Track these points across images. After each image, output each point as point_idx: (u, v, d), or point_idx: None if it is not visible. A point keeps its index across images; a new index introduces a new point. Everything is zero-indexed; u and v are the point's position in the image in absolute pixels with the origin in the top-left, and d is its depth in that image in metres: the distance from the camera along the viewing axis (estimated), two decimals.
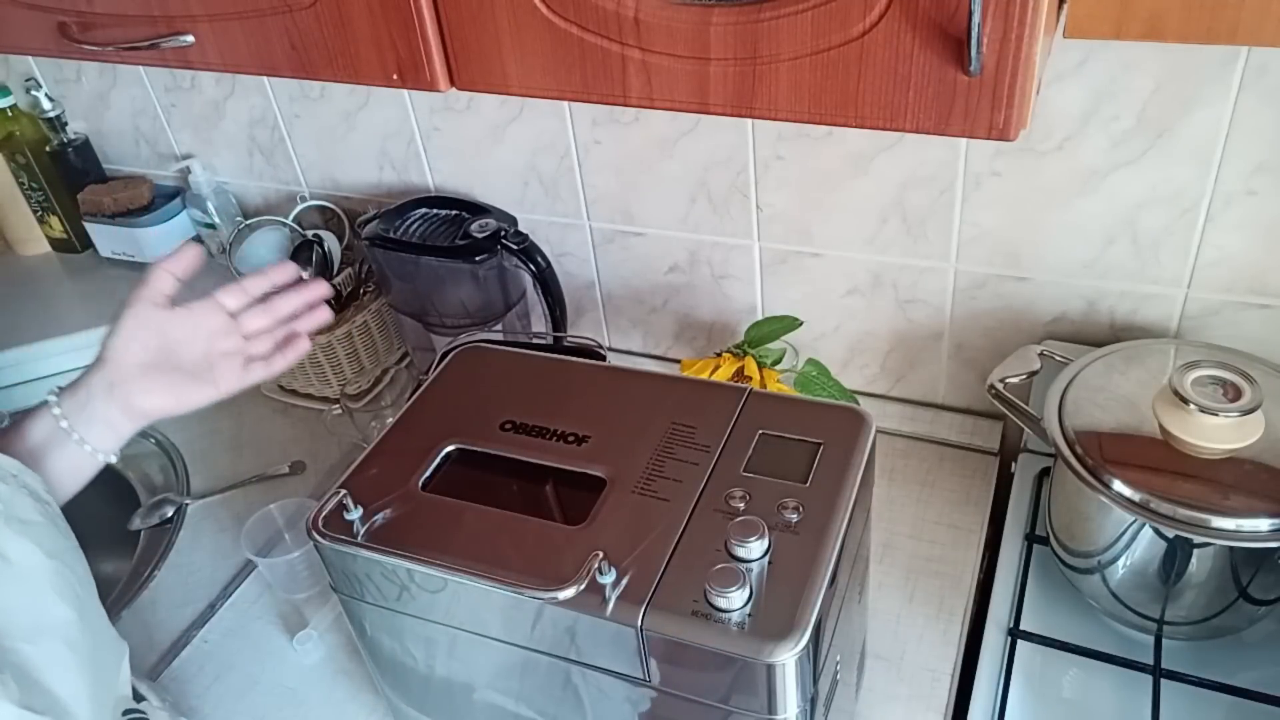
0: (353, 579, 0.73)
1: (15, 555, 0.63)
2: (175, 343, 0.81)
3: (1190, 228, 0.91)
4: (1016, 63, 0.54)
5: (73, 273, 1.49)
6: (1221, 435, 0.78)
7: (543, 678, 0.71)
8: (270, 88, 1.27)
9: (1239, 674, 0.84)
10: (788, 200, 1.07)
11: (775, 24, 0.58)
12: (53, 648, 0.63)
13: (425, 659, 0.77)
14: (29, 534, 0.65)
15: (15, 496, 0.67)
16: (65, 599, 0.66)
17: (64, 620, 0.65)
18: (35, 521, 0.67)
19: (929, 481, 1.07)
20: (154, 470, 1.24)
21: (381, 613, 0.75)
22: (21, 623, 0.62)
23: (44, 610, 0.64)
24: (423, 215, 1.17)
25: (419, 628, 0.74)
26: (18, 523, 0.65)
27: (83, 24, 0.81)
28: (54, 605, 0.65)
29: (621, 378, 0.84)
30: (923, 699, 0.87)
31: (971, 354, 1.10)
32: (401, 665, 0.80)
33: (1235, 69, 0.82)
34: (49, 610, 0.64)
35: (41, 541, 0.66)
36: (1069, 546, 0.89)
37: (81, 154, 1.45)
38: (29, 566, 0.64)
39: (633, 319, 1.27)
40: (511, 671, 0.72)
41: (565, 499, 0.72)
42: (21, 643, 0.61)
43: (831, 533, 0.65)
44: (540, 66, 0.67)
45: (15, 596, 0.62)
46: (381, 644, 0.79)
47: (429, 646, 0.75)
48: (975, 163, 0.96)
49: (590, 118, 1.10)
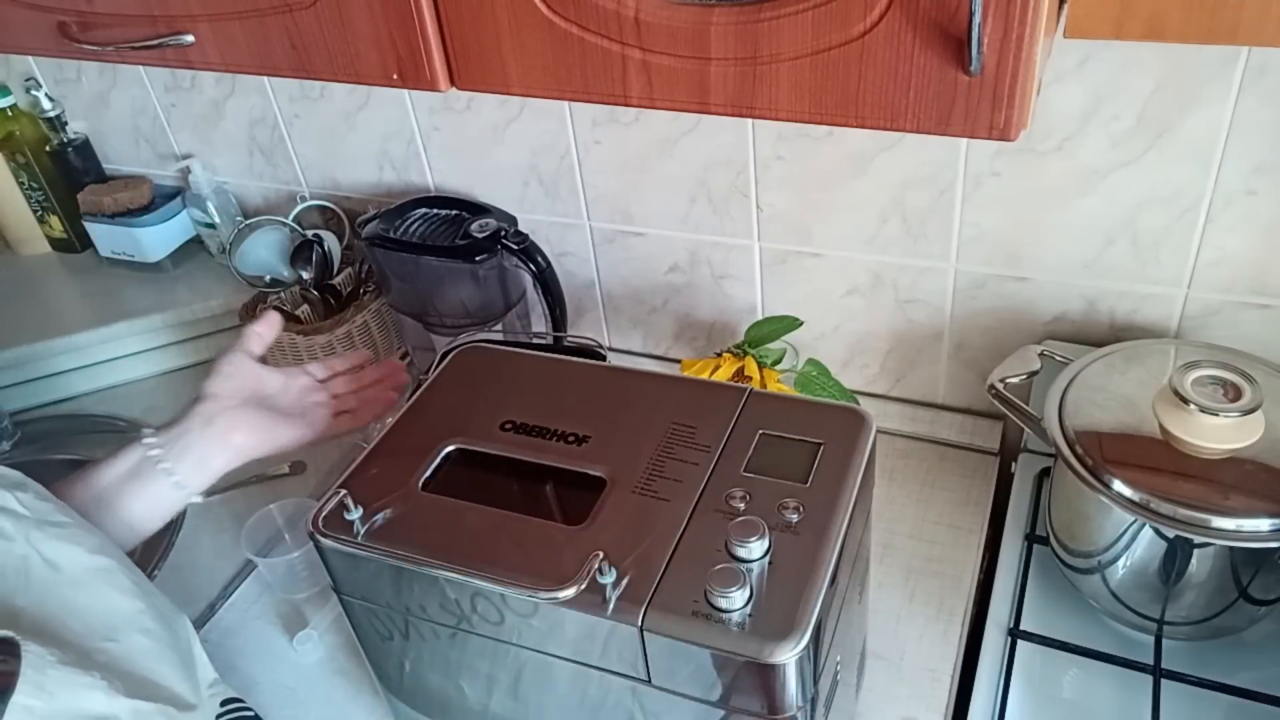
0: (353, 579, 0.73)
1: (62, 560, 0.63)
2: (268, 390, 0.87)
3: (1190, 228, 0.91)
4: (1017, 63, 0.54)
5: (73, 273, 1.49)
6: (1222, 435, 0.78)
7: (542, 678, 0.71)
8: (270, 88, 1.27)
9: (1239, 674, 0.84)
10: (788, 200, 1.07)
11: (775, 24, 0.58)
12: (133, 640, 0.63)
13: (425, 659, 0.77)
14: (66, 537, 0.65)
15: (36, 503, 0.66)
16: (125, 592, 0.66)
17: (133, 611, 0.65)
18: (65, 523, 0.67)
19: (929, 481, 1.07)
20: None
21: (381, 613, 0.75)
22: (94, 624, 0.61)
23: (111, 608, 0.64)
24: (423, 215, 1.17)
25: (419, 628, 0.74)
26: (50, 527, 0.65)
27: (83, 24, 0.81)
28: (117, 600, 0.65)
29: (621, 378, 0.84)
30: (923, 699, 0.87)
31: (971, 354, 1.10)
32: (401, 665, 0.80)
33: (1235, 69, 0.82)
34: (115, 606, 0.64)
35: (81, 542, 0.66)
36: (1069, 546, 0.89)
37: (81, 154, 1.45)
38: (79, 569, 0.64)
39: (633, 319, 1.27)
40: (511, 672, 0.72)
41: (565, 499, 0.72)
42: (103, 642, 0.61)
43: (832, 533, 0.65)
44: (540, 66, 0.67)
45: (77, 599, 0.62)
46: (381, 644, 0.79)
47: (429, 647, 0.75)
48: (975, 163, 0.96)
49: (590, 118, 1.10)
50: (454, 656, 0.75)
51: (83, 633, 0.60)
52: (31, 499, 0.66)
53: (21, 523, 0.63)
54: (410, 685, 0.82)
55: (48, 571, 0.62)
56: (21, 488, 0.66)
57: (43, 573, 0.61)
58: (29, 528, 0.63)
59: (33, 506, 0.65)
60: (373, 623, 0.77)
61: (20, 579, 0.60)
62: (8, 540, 0.61)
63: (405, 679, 0.81)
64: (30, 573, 0.60)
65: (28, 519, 0.63)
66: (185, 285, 1.42)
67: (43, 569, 0.61)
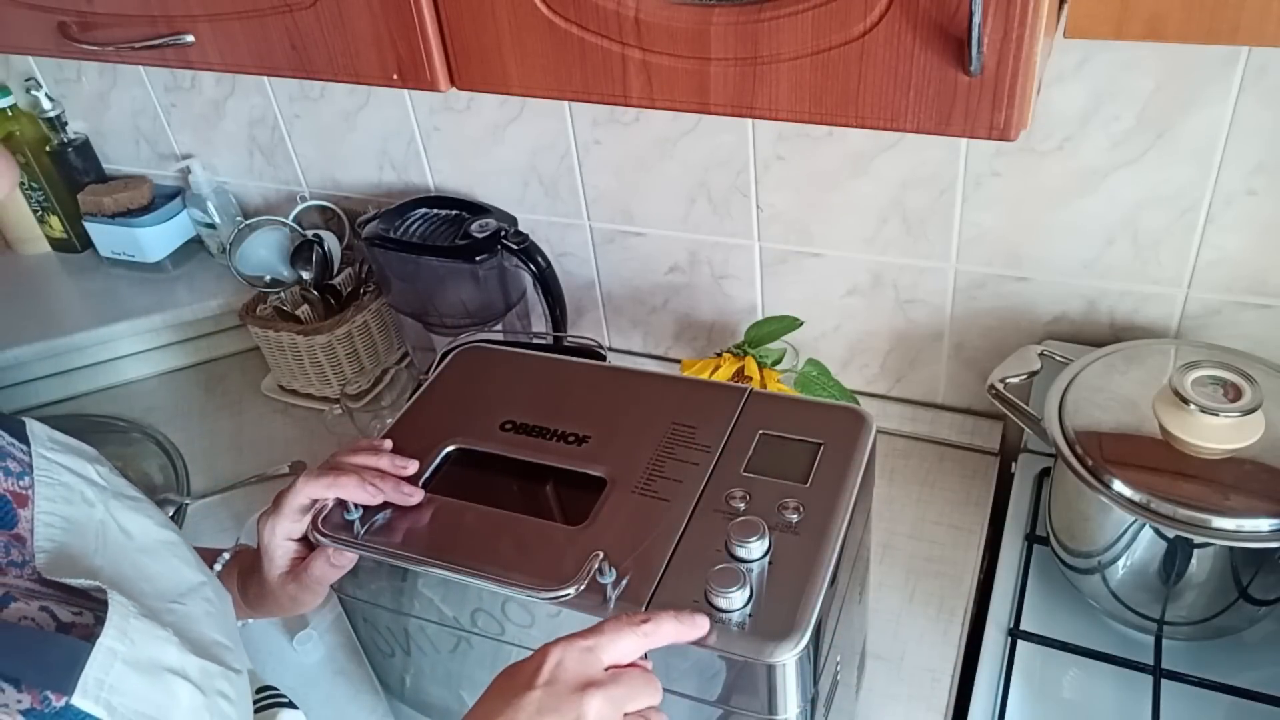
0: (353, 579, 0.73)
1: (134, 529, 0.66)
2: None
3: (1190, 228, 0.91)
4: (1017, 63, 0.54)
5: (73, 273, 1.49)
6: (1222, 435, 0.78)
7: None
8: (270, 88, 1.27)
9: (1239, 674, 0.84)
10: (788, 200, 1.07)
11: (776, 24, 0.58)
12: (197, 605, 0.65)
13: (425, 659, 0.77)
14: (139, 510, 0.68)
15: (112, 476, 0.69)
16: (190, 564, 0.68)
17: (196, 582, 0.67)
18: (138, 498, 0.69)
19: (929, 481, 1.07)
20: (154, 470, 1.24)
21: (382, 613, 0.75)
22: (164, 587, 0.64)
23: (179, 576, 0.66)
24: (423, 215, 1.17)
25: (419, 628, 0.74)
26: (125, 499, 0.67)
27: (83, 24, 0.81)
28: (184, 570, 0.67)
29: (621, 378, 0.84)
30: (923, 699, 0.87)
31: (971, 354, 1.10)
32: (401, 665, 0.80)
33: (1235, 69, 0.82)
34: (183, 575, 0.67)
35: (151, 515, 0.69)
36: (1069, 546, 0.89)
37: (81, 154, 1.45)
38: (151, 538, 0.67)
39: (633, 319, 1.27)
40: None
41: (565, 499, 0.72)
42: (171, 604, 0.63)
43: (832, 533, 0.65)
44: (541, 66, 0.67)
45: (149, 564, 0.65)
46: (382, 644, 0.79)
47: (429, 646, 0.75)
48: (975, 163, 0.96)
49: (590, 118, 1.10)
50: (453, 656, 0.75)
51: (152, 594, 0.62)
52: (108, 472, 0.69)
53: (101, 492, 0.66)
54: (410, 685, 0.82)
55: (123, 538, 0.65)
56: (99, 462, 0.69)
57: (119, 538, 0.64)
58: (108, 497, 0.66)
59: (109, 479, 0.68)
60: (373, 623, 0.77)
61: (99, 540, 0.63)
62: (90, 506, 0.64)
63: (405, 679, 0.81)
64: (107, 536, 0.64)
65: (106, 489, 0.67)
66: (185, 285, 1.42)
67: (119, 534, 0.65)
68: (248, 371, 1.37)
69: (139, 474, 1.24)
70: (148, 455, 1.26)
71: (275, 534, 0.72)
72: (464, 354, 0.86)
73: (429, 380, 0.84)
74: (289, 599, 0.74)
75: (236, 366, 1.39)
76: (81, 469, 0.66)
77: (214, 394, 1.35)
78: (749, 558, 0.64)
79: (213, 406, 1.33)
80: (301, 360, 1.26)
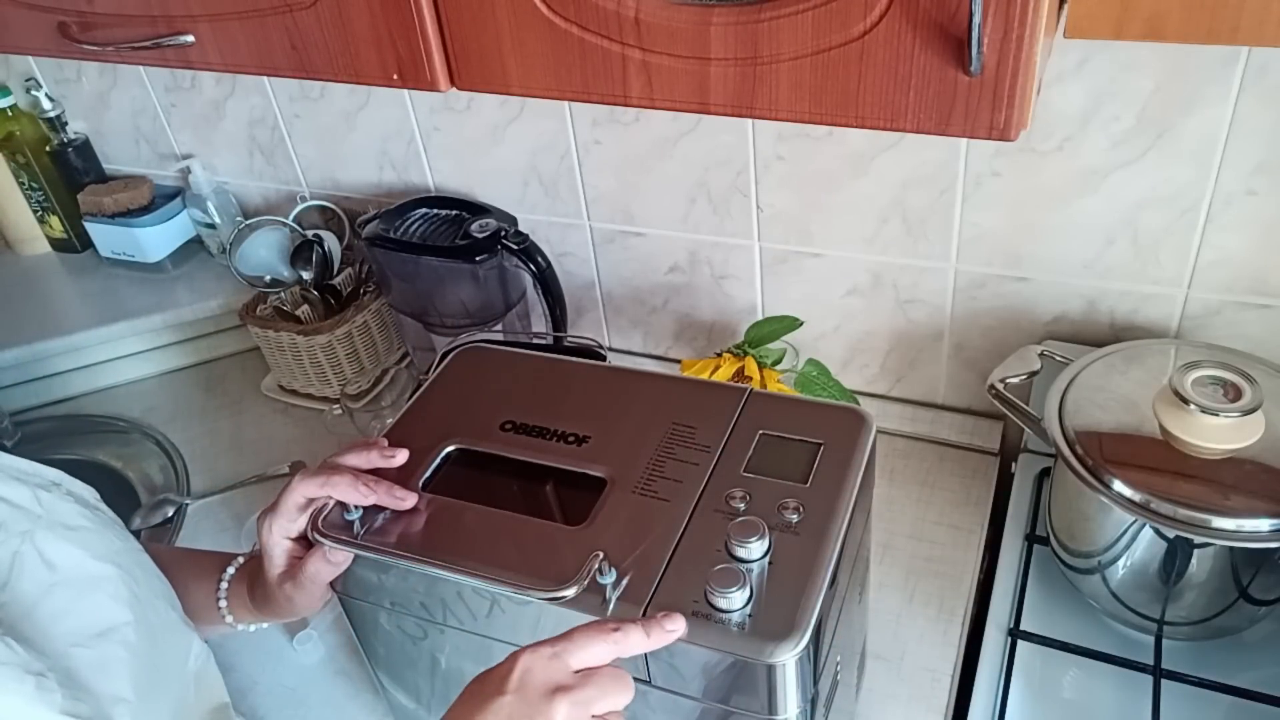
0: (352, 579, 0.73)
1: (61, 561, 0.64)
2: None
3: (1190, 228, 0.91)
4: (1017, 63, 0.54)
5: (73, 273, 1.49)
6: (1222, 435, 0.78)
7: None
8: (270, 88, 1.27)
9: (1239, 674, 0.84)
10: (788, 200, 1.07)
11: (775, 24, 0.58)
12: (107, 650, 0.63)
13: (425, 659, 0.77)
14: (74, 540, 0.66)
15: (59, 504, 0.68)
16: (119, 601, 0.66)
17: (120, 622, 0.65)
18: (82, 527, 0.68)
19: (929, 482, 1.07)
20: (154, 470, 1.24)
21: (381, 612, 0.75)
22: (72, 628, 0.62)
23: (99, 614, 0.65)
24: (423, 215, 1.17)
25: (419, 628, 0.74)
26: (62, 529, 0.66)
27: (83, 24, 0.81)
28: (109, 608, 0.65)
29: (621, 378, 0.84)
30: (923, 699, 0.87)
31: (971, 354, 1.10)
32: (401, 665, 0.80)
33: (1235, 69, 0.82)
34: (103, 614, 0.65)
35: (90, 546, 0.67)
36: (1069, 547, 0.89)
37: (81, 154, 1.45)
38: (77, 572, 0.65)
39: (633, 319, 1.27)
40: None
41: (565, 499, 0.72)
42: (72, 647, 0.61)
43: (832, 533, 0.65)
44: (540, 66, 0.67)
45: (65, 602, 0.63)
46: (381, 644, 0.79)
47: (429, 647, 0.75)
48: (975, 163, 0.96)
49: (590, 118, 1.10)
50: (453, 656, 0.75)
51: (58, 634, 0.61)
52: (54, 500, 0.67)
53: (33, 520, 0.64)
54: (410, 685, 0.82)
55: (43, 570, 0.63)
56: (49, 489, 0.68)
57: (36, 570, 0.62)
58: (39, 526, 0.64)
59: (52, 506, 0.67)
60: (373, 623, 0.77)
61: (7, 572, 0.61)
62: (5, 533, 0.62)
63: (405, 679, 0.81)
64: (21, 568, 0.62)
65: (42, 518, 0.65)
66: (185, 285, 1.42)
67: (37, 566, 0.63)
68: (248, 371, 1.37)
69: (139, 474, 1.24)
70: (148, 455, 1.26)
71: (273, 532, 0.72)
72: (464, 354, 0.86)
73: (429, 380, 0.84)
74: (285, 599, 0.74)
75: (236, 366, 1.39)
76: (15, 496, 0.65)
77: (214, 394, 1.35)
78: (749, 558, 0.64)
79: (213, 406, 1.33)
80: (301, 360, 1.26)
